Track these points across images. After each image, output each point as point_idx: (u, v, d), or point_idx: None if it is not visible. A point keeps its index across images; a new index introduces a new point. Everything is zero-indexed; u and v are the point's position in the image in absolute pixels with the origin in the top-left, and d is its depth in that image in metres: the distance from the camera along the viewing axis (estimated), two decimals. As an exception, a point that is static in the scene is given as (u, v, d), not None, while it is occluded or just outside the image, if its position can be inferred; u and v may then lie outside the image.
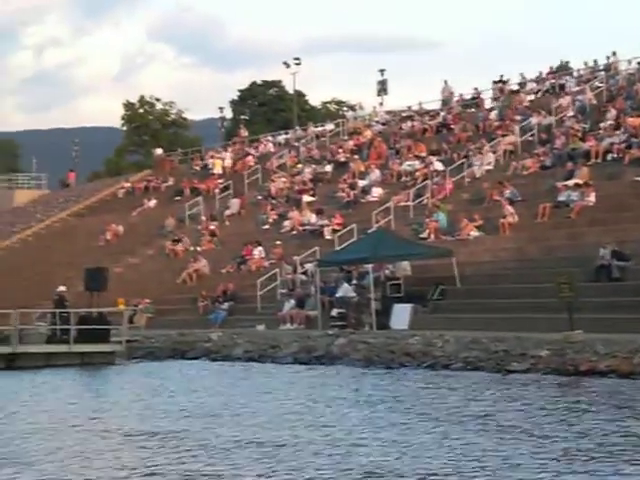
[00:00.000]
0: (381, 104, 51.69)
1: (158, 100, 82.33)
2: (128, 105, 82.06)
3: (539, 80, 41.91)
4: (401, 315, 24.96)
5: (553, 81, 40.69)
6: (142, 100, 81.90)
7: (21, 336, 24.65)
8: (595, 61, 40.42)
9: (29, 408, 15.44)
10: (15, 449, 11.10)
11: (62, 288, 27.46)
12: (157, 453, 10.39)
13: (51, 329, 25.96)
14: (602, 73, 38.63)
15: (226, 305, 30.55)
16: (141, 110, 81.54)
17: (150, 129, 80.00)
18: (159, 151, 56.53)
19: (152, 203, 46.06)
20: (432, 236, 28.83)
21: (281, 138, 50.71)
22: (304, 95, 78.30)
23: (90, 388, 19.53)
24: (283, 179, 41.08)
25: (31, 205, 55.84)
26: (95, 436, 11.99)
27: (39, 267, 41.47)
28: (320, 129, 49.34)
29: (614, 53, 39.67)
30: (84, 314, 25.52)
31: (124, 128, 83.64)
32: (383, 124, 45.41)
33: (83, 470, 9.58)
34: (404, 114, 45.54)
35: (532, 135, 33.88)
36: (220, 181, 44.59)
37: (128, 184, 51.56)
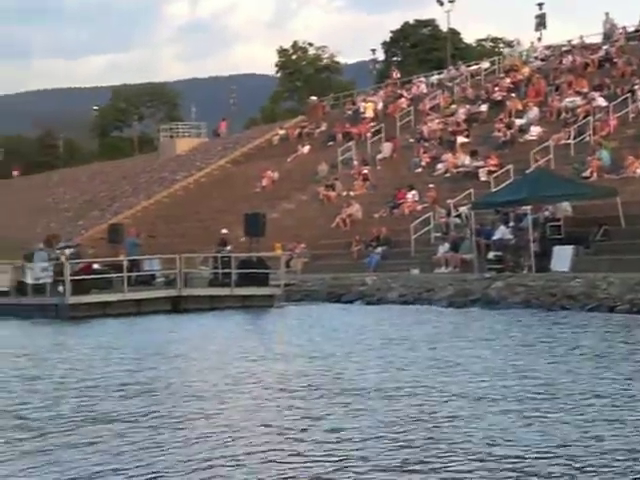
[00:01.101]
0: (539, 39, 49.77)
1: (311, 45, 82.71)
2: (281, 51, 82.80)
3: None
4: (562, 257, 24.31)
5: None
6: (295, 46, 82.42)
7: (185, 280, 25.62)
8: None
9: (211, 347, 15.92)
10: (199, 384, 11.58)
11: (225, 231, 28.29)
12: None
13: (213, 273, 26.83)
14: None
15: (380, 249, 30.62)
16: (294, 56, 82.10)
17: (303, 75, 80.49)
18: (314, 98, 56.84)
19: (306, 149, 46.50)
20: (594, 175, 27.87)
21: (434, 79, 49.81)
22: (458, 33, 76.54)
23: (273, 329, 19.79)
24: (436, 121, 40.46)
25: (191, 153, 57.52)
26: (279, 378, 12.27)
27: (200, 214, 42.84)
28: (475, 68, 48.14)
29: None
30: (244, 258, 26.22)
31: (278, 75, 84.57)
32: (542, 60, 43.80)
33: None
34: (564, 49, 43.72)
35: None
36: (372, 125, 44.41)
37: (282, 131, 52.19)
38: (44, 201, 63.00)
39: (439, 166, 35.31)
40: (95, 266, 26.22)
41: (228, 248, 27.60)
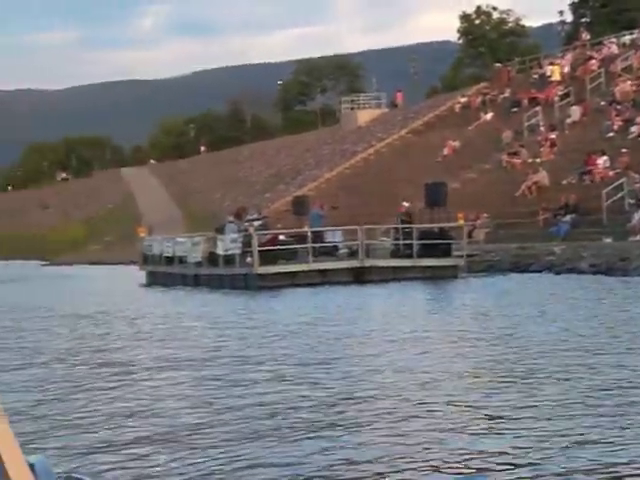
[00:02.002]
0: None
1: (495, 9, 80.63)
2: (464, 17, 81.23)
3: None
4: None
5: None
6: (478, 10, 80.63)
7: (368, 250, 25.73)
8: None
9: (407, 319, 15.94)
10: (393, 357, 11.56)
11: (406, 204, 28.13)
12: None
13: (395, 244, 26.79)
14: None
15: (568, 217, 29.51)
16: (477, 21, 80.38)
17: (487, 40, 78.69)
18: (498, 64, 55.44)
19: (489, 116, 45.46)
20: None
21: (626, 39, 47.31)
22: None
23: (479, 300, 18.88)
24: (629, 82, 38.43)
25: (372, 124, 57.60)
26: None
27: (381, 185, 42.87)
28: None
29: None
30: (426, 229, 25.99)
31: (460, 41, 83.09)
32: None
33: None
34: None
35: None
36: (559, 88, 42.81)
37: (464, 98, 51.28)
38: (233, 175, 65.14)
39: (632, 129, 33.55)
40: (281, 237, 26.82)
41: (412, 220, 27.35)
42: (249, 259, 25.08)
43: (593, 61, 44.28)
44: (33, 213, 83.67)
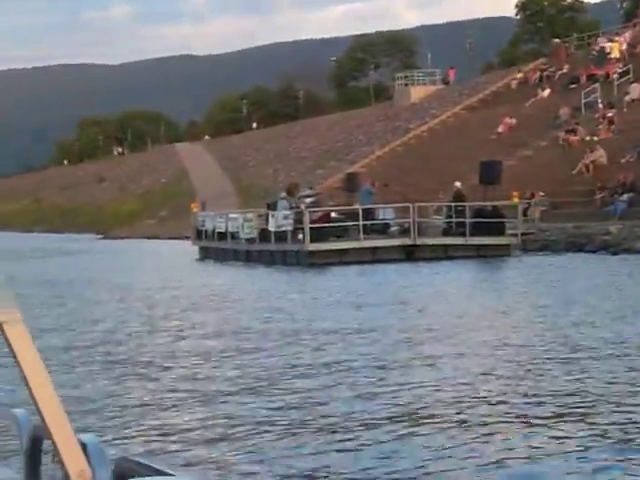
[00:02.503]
0: None
1: (552, -16, 79.01)
2: (521, -8, 79.75)
3: None
4: None
5: None
6: (536, -14, 79.08)
7: (419, 228, 25.54)
8: None
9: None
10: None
11: (458, 184, 27.81)
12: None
13: (447, 222, 26.54)
14: None
15: (626, 196, 28.93)
16: (535, -4, 78.90)
17: (545, 15, 77.31)
18: (557, 40, 54.44)
19: (546, 93, 44.72)
20: None
21: (689, 14, 46.11)
22: None
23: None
24: (691, 58, 37.46)
25: (426, 101, 57.04)
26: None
27: (434, 162, 42.48)
28: None
29: None
30: (479, 207, 25.69)
31: (517, 17, 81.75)
32: None
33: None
34: None
35: None
36: (618, 65, 41.88)
37: (521, 74, 50.49)
38: (286, 151, 65.13)
39: (693, 108, 32.71)
40: (333, 214, 26.75)
41: (464, 199, 26.96)
42: (300, 236, 25.06)
43: (654, 37, 43.26)
44: (89, 187, 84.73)
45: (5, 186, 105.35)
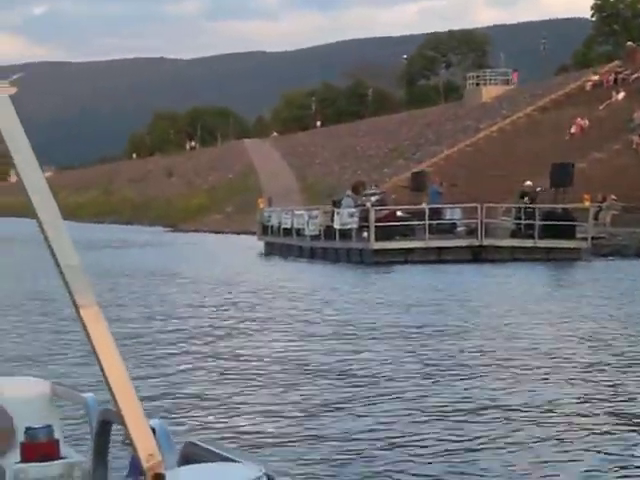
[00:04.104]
0: None
1: (630, -14, 77.40)
2: (597, -7, 78.34)
3: None
4: None
5: None
6: (612, -13, 77.60)
7: (487, 230, 25.21)
8: None
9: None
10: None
11: (528, 183, 27.39)
12: None
13: (516, 224, 26.15)
14: None
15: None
16: (611, -2, 77.45)
17: (621, 18, 75.82)
18: (631, 43, 53.35)
19: (620, 95, 43.83)
20: None
21: None
22: None
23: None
24: None
25: (497, 101, 56.37)
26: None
27: (503, 163, 41.94)
28: None
29: None
30: (549, 210, 25.26)
31: (593, 18, 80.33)
32: None
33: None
34: None
35: None
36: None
37: (596, 76, 49.57)
38: (352, 149, 65.04)
39: None
40: (399, 213, 26.56)
41: (534, 200, 26.50)
42: (365, 234, 24.94)
43: None
44: (158, 181, 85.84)
45: (76, 177, 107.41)
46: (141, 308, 15.24)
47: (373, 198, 26.82)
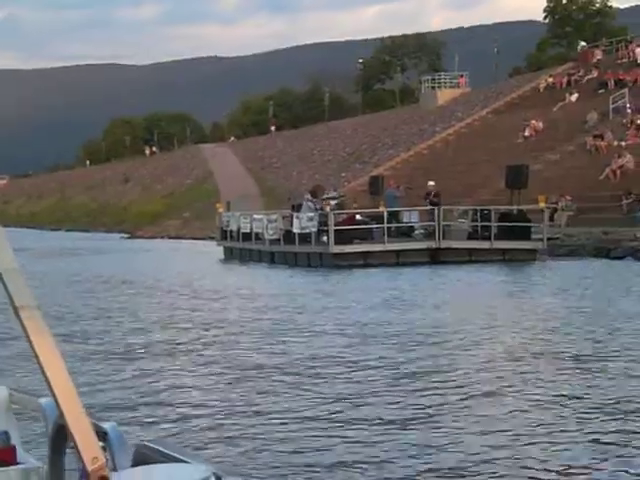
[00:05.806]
0: None
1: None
2: (550, -4, 79.34)
3: None
4: None
5: None
6: (564, -10, 78.67)
7: (444, 232, 25.41)
8: None
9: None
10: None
11: (431, 183, 28.00)
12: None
13: (472, 226, 26.39)
14: None
15: (654, 203, 28.68)
16: (564, 0, 78.52)
17: (573, 20, 76.89)
18: (583, 44, 54.13)
19: (574, 97, 44.43)
20: None
21: None
22: None
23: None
24: None
25: (452, 104, 56.83)
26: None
27: (459, 166, 42.29)
28: None
29: None
30: (504, 211, 25.54)
31: (546, 21, 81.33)
32: None
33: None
34: None
35: None
36: (648, 70, 41.55)
37: (550, 78, 50.21)
38: (310, 153, 65.12)
39: None
40: (357, 217, 26.68)
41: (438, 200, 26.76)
42: (324, 238, 25.01)
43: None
44: (114, 187, 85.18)
45: (32, 185, 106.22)
46: (91, 316, 15.09)
47: (332, 202, 26.90)
